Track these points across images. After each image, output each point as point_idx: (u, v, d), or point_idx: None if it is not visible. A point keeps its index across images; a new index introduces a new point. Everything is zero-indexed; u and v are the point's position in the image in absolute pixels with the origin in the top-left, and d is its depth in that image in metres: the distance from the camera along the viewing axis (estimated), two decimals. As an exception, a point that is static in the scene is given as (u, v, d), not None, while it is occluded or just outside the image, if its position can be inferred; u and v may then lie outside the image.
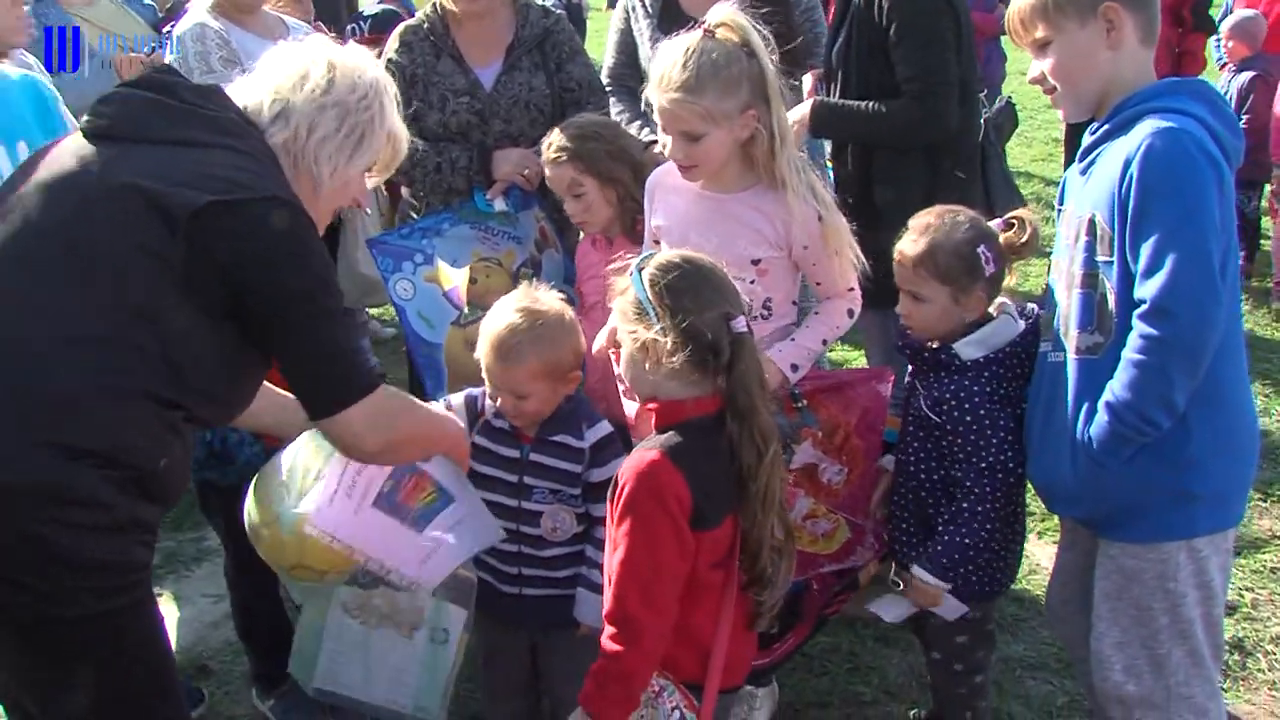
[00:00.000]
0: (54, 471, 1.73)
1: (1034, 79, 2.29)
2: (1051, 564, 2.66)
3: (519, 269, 3.27)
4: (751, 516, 2.00)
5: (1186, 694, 2.24)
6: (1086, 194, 2.20)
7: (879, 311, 2.93)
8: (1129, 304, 2.07)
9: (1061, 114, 2.40)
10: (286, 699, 2.97)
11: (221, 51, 3.62)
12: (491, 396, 2.44)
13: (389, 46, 3.39)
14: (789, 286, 2.66)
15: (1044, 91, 2.29)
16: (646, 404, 2.07)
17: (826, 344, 2.68)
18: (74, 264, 1.80)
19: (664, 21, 3.43)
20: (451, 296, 3.21)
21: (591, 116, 3.20)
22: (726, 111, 2.43)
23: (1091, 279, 2.17)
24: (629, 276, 2.05)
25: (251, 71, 2.10)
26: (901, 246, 2.48)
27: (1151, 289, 2.01)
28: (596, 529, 2.44)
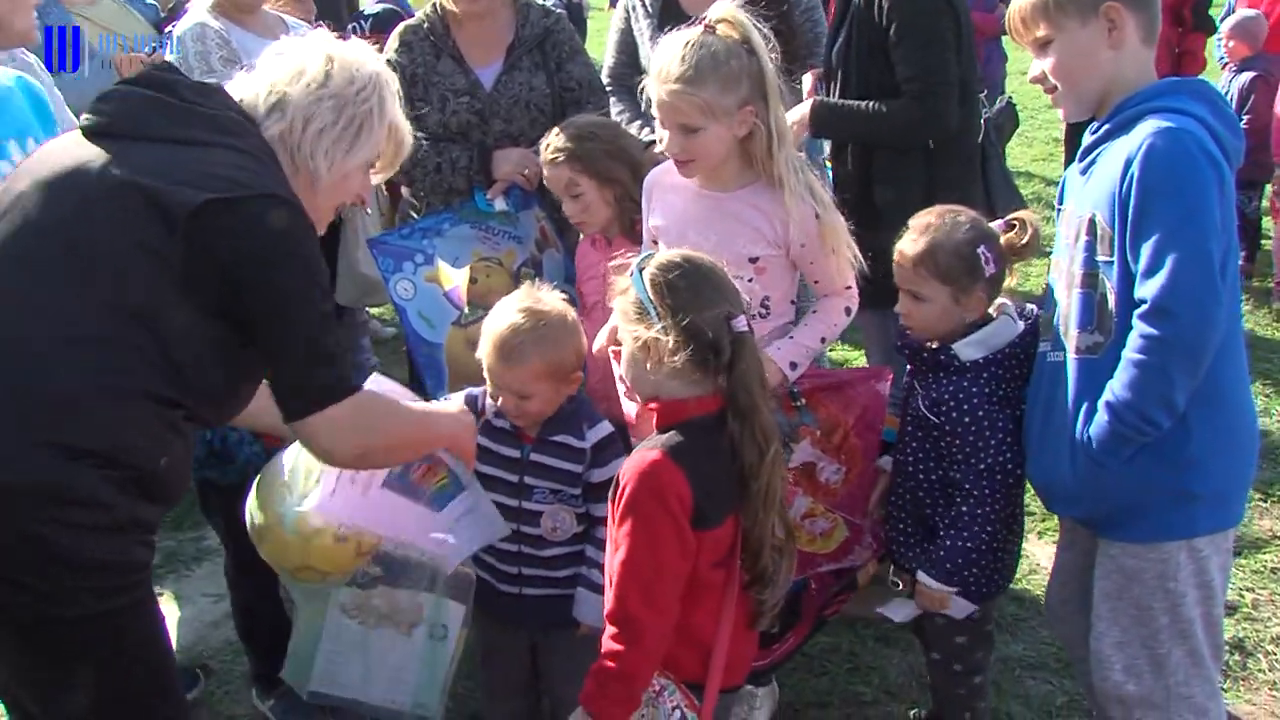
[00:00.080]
0: (54, 471, 1.73)
1: (1035, 78, 2.29)
2: (1051, 564, 2.66)
3: (519, 269, 3.27)
4: (753, 515, 2.00)
5: (1186, 694, 2.24)
6: (1087, 194, 2.20)
7: (878, 311, 2.92)
8: (1129, 304, 2.07)
9: (1062, 113, 2.39)
10: (286, 699, 2.97)
11: (222, 51, 3.62)
12: (493, 396, 2.44)
13: (389, 46, 3.37)
14: (787, 285, 2.66)
15: (1045, 91, 2.29)
16: (648, 404, 2.07)
17: (825, 342, 2.68)
18: (74, 263, 1.80)
19: (664, 21, 3.42)
20: (452, 296, 3.21)
21: (590, 116, 3.19)
22: (725, 106, 2.43)
23: (1091, 279, 2.17)
24: (630, 276, 2.05)
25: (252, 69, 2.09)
26: (902, 246, 2.47)
27: (1152, 289, 2.01)
28: (597, 529, 2.44)
